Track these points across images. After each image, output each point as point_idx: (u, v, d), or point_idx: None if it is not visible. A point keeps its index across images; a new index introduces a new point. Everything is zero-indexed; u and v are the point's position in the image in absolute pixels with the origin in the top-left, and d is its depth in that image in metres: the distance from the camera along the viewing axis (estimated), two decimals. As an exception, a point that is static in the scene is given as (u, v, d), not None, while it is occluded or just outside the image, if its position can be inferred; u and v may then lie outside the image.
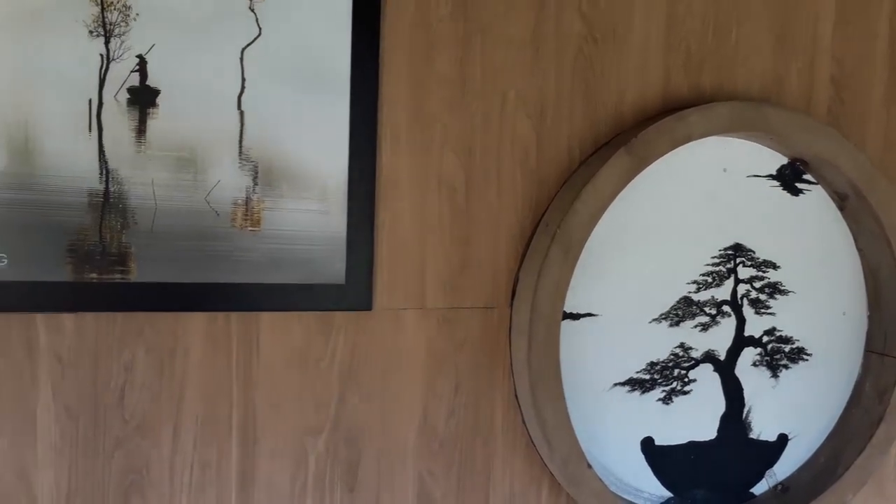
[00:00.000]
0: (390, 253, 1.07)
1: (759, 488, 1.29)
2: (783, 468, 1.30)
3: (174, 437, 1.01)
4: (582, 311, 1.15)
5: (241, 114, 0.98)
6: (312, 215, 1.02)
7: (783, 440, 1.30)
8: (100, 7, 0.92)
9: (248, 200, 0.99)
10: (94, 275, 0.95)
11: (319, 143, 1.02)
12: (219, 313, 1.01)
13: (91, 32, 0.92)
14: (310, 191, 1.02)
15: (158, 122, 0.95)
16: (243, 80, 0.97)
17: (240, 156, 0.98)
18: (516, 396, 1.14)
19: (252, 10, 0.97)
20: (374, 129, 1.04)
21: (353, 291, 1.05)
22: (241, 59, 0.97)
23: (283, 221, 1.01)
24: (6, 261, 0.92)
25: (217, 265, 0.99)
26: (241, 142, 0.98)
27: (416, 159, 1.07)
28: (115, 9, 0.92)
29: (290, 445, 1.05)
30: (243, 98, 0.98)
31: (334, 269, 1.04)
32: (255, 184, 0.99)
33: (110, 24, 0.92)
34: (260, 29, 0.98)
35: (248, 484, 1.04)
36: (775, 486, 1.29)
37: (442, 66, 1.07)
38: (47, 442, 0.96)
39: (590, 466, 1.11)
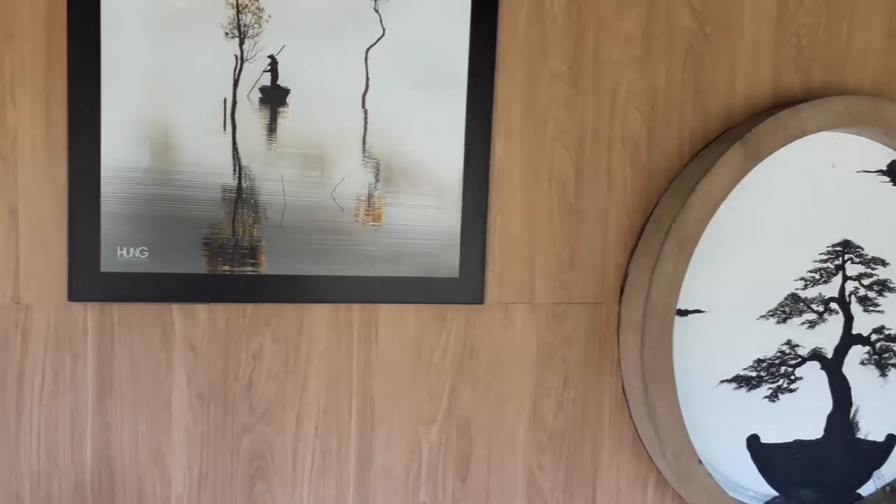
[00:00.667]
0: (502, 248, 1.09)
1: (867, 489, 1.27)
2: (891, 469, 1.28)
3: (297, 424, 1.04)
4: (690, 308, 1.14)
5: (365, 112, 1.01)
6: (429, 211, 1.04)
7: (891, 441, 1.27)
8: (235, 10, 0.96)
9: (370, 196, 1.02)
10: (226, 267, 0.99)
11: (436, 141, 1.04)
12: (341, 305, 1.04)
13: (227, 34, 0.96)
14: (427, 187, 1.04)
15: (288, 120, 0.98)
16: (367, 79, 1.00)
17: (363, 153, 1.01)
18: (624, 391, 1.15)
19: (376, 11, 1.00)
20: (488, 127, 1.06)
21: (466, 285, 1.07)
22: (366, 59, 1.00)
23: (402, 217, 1.04)
24: (147, 253, 0.96)
25: (341, 258, 1.02)
26: (364, 140, 1.01)
27: (528, 155, 1.08)
28: (249, 11, 0.96)
29: (405, 434, 1.08)
30: (367, 97, 1.00)
31: (449, 263, 1.06)
32: (377, 180, 1.02)
33: (245, 26, 0.96)
34: (383, 29, 1.00)
35: (365, 471, 1.07)
36: (883, 488, 1.27)
37: (554, 63, 1.08)
38: (181, 427, 1.01)
39: (700, 462, 1.11)
